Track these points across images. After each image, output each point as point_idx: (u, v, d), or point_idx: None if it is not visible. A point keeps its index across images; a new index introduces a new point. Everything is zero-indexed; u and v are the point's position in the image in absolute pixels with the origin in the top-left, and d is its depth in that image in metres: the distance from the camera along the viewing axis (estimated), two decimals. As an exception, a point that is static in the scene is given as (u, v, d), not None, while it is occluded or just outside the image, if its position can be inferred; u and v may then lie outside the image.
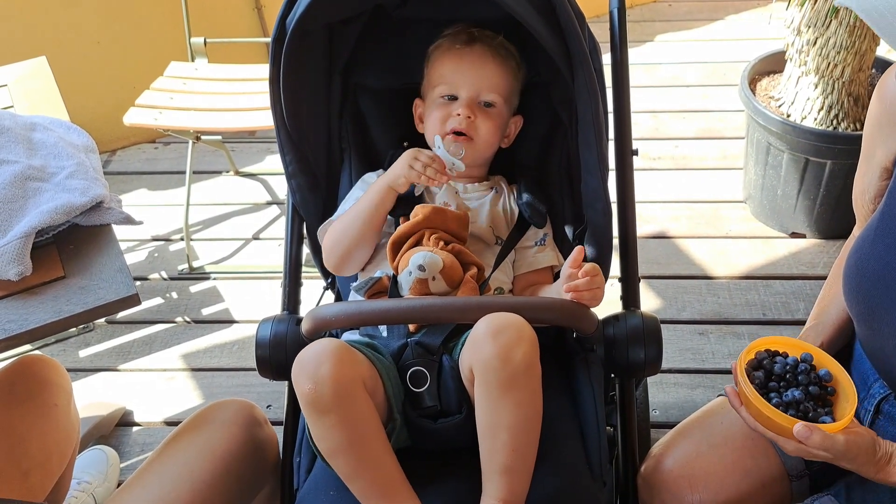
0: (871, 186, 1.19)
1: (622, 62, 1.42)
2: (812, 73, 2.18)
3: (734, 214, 2.54)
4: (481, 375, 1.06)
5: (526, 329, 1.07)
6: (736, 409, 1.09)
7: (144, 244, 2.57)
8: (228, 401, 1.30)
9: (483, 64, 1.35)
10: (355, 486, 1.09)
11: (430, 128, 1.37)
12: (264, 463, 1.29)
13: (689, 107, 3.03)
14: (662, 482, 1.24)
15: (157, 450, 1.23)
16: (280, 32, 1.29)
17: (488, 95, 1.35)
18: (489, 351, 1.05)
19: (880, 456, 1.02)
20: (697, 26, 3.52)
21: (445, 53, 1.37)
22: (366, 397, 1.07)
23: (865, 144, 1.21)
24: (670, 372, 2.06)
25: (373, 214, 1.30)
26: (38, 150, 1.31)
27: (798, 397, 1.06)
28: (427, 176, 1.25)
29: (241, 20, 2.95)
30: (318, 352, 1.06)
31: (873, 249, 1.10)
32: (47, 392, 1.28)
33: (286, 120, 1.37)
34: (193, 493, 1.15)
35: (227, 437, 1.23)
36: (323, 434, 1.07)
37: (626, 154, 1.42)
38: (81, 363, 2.18)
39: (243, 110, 2.28)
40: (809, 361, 1.12)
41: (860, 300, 1.13)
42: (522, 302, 1.12)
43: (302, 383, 1.05)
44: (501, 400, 1.05)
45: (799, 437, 1.00)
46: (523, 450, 1.07)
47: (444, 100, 1.35)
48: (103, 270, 1.20)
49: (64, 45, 2.72)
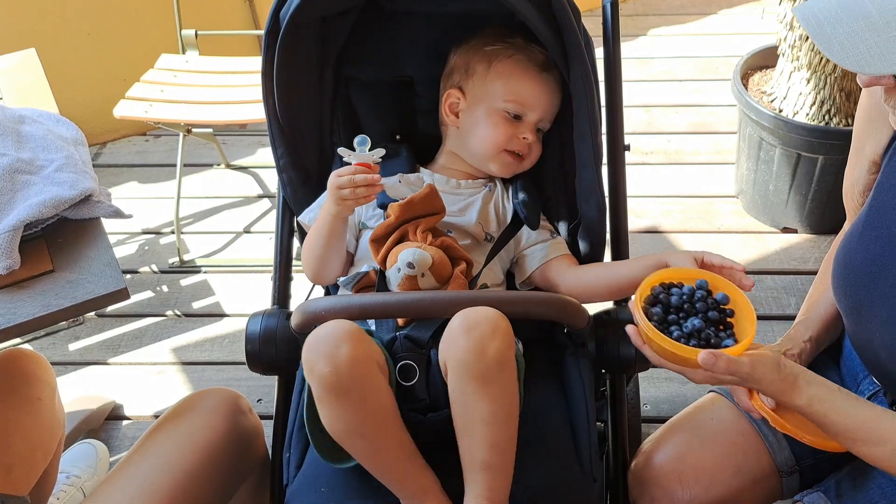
0: (860, 180, 1.20)
1: (615, 56, 1.42)
2: (804, 68, 2.18)
3: (726, 209, 2.54)
4: (454, 370, 1.06)
5: (501, 322, 1.07)
6: (639, 347, 1.08)
7: (135, 237, 2.56)
8: (212, 389, 1.29)
9: (552, 94, 1.37)
10: (375, 465, 1.09)
11: (487, 138, 1.36)
12: (249, 452, 1.28)
13: (682, 101, 3.03)
14: (653, 478, 1.24)
15: (140, 440, 1.22)
16: (274, 25, 1.29)
17: (546, 124, 1.39)
18: (462, 345, 1.04)
19: (785, 375, 1.01)
20: (690, 20, 3.52)
21: (524, 71, 1.35)
22: (381, 377, 1.08)
23: (855, 138, 1.21)
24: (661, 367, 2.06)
25: (330, 238, 1.29)
26: (26, 142, 1.30)
27: (698, 326, 1.05)
28: (360, 196, 1.20)
29: (232, 12, 2.94)
30: (332, 333, 1.05)
31: (860, 243, 1.11)
32: (30, 386, 1.27)
33: (278, 113, 1.36)
34: (175, 483, 1.14)
35: (210, 426, 1.22)
36: (339, 416, 1.06)
37: (619, 149, 1.42)
38: (71, 357, 2.17)
39: (234, 103, 2.27)
40: (705, 288, 1.09)
41: (848, 294, 1.13)
42: (513, 296, 1.12)
43: (319, 366, 1.03)
44: (476, 395, 1.05)
45: (704, 366, 0.99)
46: (502, 445, 1.07)
47: (509, 116, 1.35)
48: (92, 264, 1.19)
49: (54, 37, 2.70)
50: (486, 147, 1.36)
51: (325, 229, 1.28)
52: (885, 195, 1.09)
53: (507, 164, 1.37)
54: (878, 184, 1.11)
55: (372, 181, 1.19)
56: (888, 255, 1.06)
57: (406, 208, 1.25)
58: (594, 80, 1.30)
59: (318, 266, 1.33)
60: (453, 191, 1.39)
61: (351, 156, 1.20)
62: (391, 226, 1.26)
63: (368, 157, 1.20)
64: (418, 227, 1.25)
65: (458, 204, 1.38)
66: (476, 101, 1.37)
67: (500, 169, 1.38)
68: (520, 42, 1.36)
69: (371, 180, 1.19)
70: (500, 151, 1.36)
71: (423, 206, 1.26)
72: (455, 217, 1.36)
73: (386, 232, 1.27)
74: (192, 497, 1.16)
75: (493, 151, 1.36)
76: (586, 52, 1.27)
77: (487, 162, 1.38)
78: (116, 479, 1.17)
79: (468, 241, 1.33)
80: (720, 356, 0.98)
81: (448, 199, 1.37)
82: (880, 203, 1.09)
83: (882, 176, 1.11)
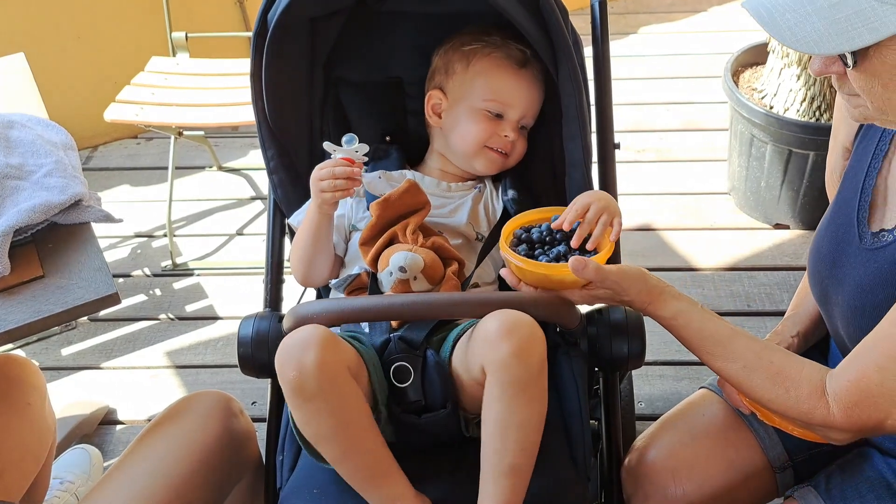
0: (837, 166, 1.21)
1: (604, 55, 1.42)
2: (794, 64, 2.19)
3: (718, 206, 2.55)
4: (496, 373, 1.05)
5: (537, 327, 1.07)
6: (514, 286, 1.13)
7: (127, 241, 2.55)
8: (203, 392, 1.29)
9: (533, 90, 1.36)
10: (344, 470, 1.09)
11: (467, 136, 1.36)
12: (241, 454, 1.28)
13: (673, 99, 3.04)
14: (646, 474, 1.24)
15: (132, 444, 1.22)
16: (262, 27, 1.29)
17: (528, 120, 1.38)
18: (505, 349, 1.04)
19: (650, 287, 1.06)
20: (681, 18, 3.52)
21: (501, 69, 1.34)
22: (351, 382, 1.07)
23: (833, 124, 1.22)
24: (655, 364, 2.07)
25: (316, 237, 1.30)
26: (15, 147, 1.30)
27: (563, 251, 1.11)
28: (339, 189, 1.22)
29: (222, 14, 2.93)
30: (301, 338, 1.06)
31: (827, 231, 1.12)
32: (20, 391, 1.27)
33: (268, 115, 1.36)
34: (168, 487, 1.14)
35: (203, 429, 1.22)
36: (308, 420, 1.07)
37: (609, 147, 1.42)
38: (64, 361, 2.16)
39: (226, 105, 2.27)
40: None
41: (816, 282, 1.15)
42: (505, 297, 1.12)
43: (286, 370, 1.04)
44: (516, 399, 1.05)
45: (574, 271, 1.03)
46: (531, 449, 1.07)
47: (489, 115, 1.35)
48: (83, 269, 1.19)
49: (42, 41, 2.69)
50: (467, 145, 1.36)
51: (310, 228, 1.29)
52: (850, 181, 1.10)
53: (490, 161, 1.37)
54: (846, 170, 1.13)
55: (352, 174, 1.21)
56: (847, 240, 1.07)
57: (384, 206, 1.25)
58: (583, 79, 1.30)
59: (305, 267, 1.33)
60: (443, 193, 1.39)
61: (336, 150, 1.22)
62: (375, 227, 1.26)
63: (352, 152, 1.22)
64: (407, 227, 1.25)
65: (449, 206, 1.38)
66: (457, 100, 1.37)
67: (485, 167, 1.38)
68: (497, 40, 1.35)
69: (351, 173, 1.21)
70: (481, 149, 1.36)
71: (402, 202, 1.26)
72: (446, 218, 1.36)
73: (372, 234, 1.27)
74: (186, 501, 1.15)
75: (474, 149, 1.36)
76: (574, 51, 1.27)
77: (471, 160, 1.38)
78: (109, 483, 1.16)
79: (459, 240, 1.33)
80: (589, 262, 1.03)
81: (438, 201, 1.38)
82: (845, 190, 1.10)
83: (850, 161, 1.12)
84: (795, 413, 0.99)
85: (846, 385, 0.95)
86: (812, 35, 0.86)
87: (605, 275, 1.04)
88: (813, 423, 0.99)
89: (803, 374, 0.99)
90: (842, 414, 0.95)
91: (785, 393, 0.99)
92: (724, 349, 1.04)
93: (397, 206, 1.27)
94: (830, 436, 1.00)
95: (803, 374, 0.99)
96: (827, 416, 0.96)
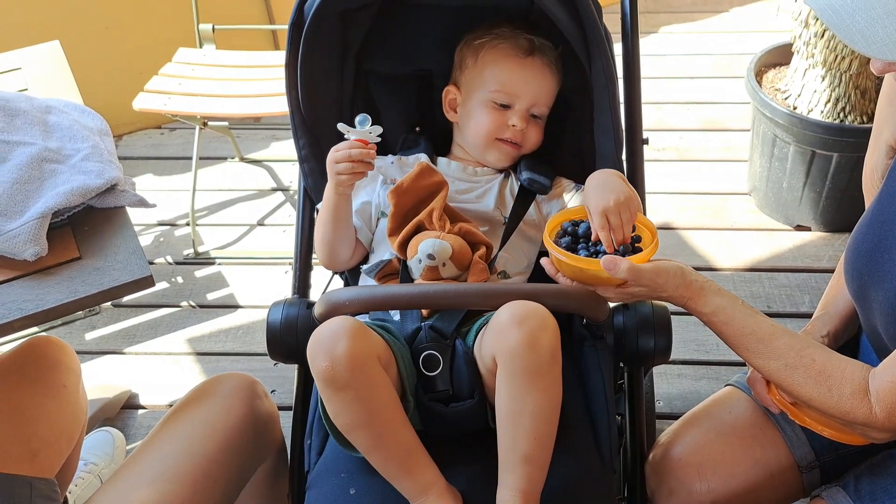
0: (879, 165, 1.20)
1: (633, 52, 1.43)
2: (819, 65, 2.19)
3: (739, 206, 2.55)
4: (506, 363, 1.06)
5: (549, 317, 1.08)
6: (552, 276, 1.13)
7: (150, 229, 2.57)
8: (228, 374, 1.31)
9: (542, 78, 1.36)
10: (375, 459, 1.10)
11: (478, 128, 1.37)
12: (265, 436, 1.29)
13: (695, 98, 3.04)
14: (671, 470, 1.25)
15: (158, 425, 1.23)
16: (298, 18, 1.30)
17: (540, 109, 1.38)
18: (515, 338, 1.05)
19: (689, 282, 1.06)
20: (703, 18, 3.51)
21: (506, 59, 1.35)
22: (381, 372, 1.08)
23: (876, 122, 1.21)
24: (674, 363, 2.07)
25: (335, 218, 1.31)
26: (53, 132, 1.32)
27: (602, 248, 1.09)
28: (357, 171, 1.23)
29: (248, 7, 2.95)
30: (333, 329, 1.07)
31: (869, 228, 1.12)
32: (56, 373, 1.29)
33: (301, 104, 1.37)
34: (195, 466, 1.15)
35: (227, 411, 1.23)
36: (340, 410, 1.08)
37: (637, 142, 1.43)
38: (87, 346, 2.19)
39: (250, 97, 2.28)
40: None
41: (854, 278, 1.14)
42: (537, 289, 1.12)
43: (318, 361, 1.05)
44: (526, 387, 1.06)
45: (606, 270, 1.03)
46: (544, 438, 1.07)
47: (496, 105, 1.36)
48: (118, 252, 1.20)
49: (73, 30, 2.71)
50: (478, 138, 1.38)
51: (329, 209, 1.31)
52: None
53: (502, 152, 1.38)
54: (892, 169, 1.12)
55: (367, 156, 1.22)
56: (891, 238, 1.07)
57: (399, 193, 1.27)
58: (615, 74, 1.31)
59: (328, 249, 1.35)
60: (470, 178, 1.40)
61: (350, 132, 1.24)
62: (396, 215, 1.28)
63: (366, 134, 1.23)
64: (432, 212, 1.26)
65: (476, 191, 1.39)
66: (468, 94, 1.39)
67: (497, 159, 1.39)
68: (505, 31, 1.36)
69: (366, 155, 1.22)
70: (492, 141, 1.37)
71: (418, 186, 1.27)
72: (473, 204, 1.37)
73: (396, 223, 1.28)
74: (212, 480, 1.17)
75: (484, 141, 1.37)
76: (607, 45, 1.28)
77: (483, 152, 1.39)
78: (137, 463, 1.18)
79: (487, 226, 1.34)
80: (621, 261, 1.03)
81: (465, 185, 1.39)
82: (890, 188, 1.10)
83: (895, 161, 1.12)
84: (837, 412, 0.99)
85: (889, 385, 0.95)
86: (885, 39, 0.85)
87: (639, 274, 1.04)
88: (854, 422, 0.98)
89: (846, 373, 0.98)
90: (884, 413, 0.95)
91: (827, 392, 0.99)
92: (765, 347, 1.03)
93: (413, 191, 1.28)
94: (870, 434, 1.00)
95: (846, 373, 0.98)
96: (869, 416, 0.96)
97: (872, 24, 0.85)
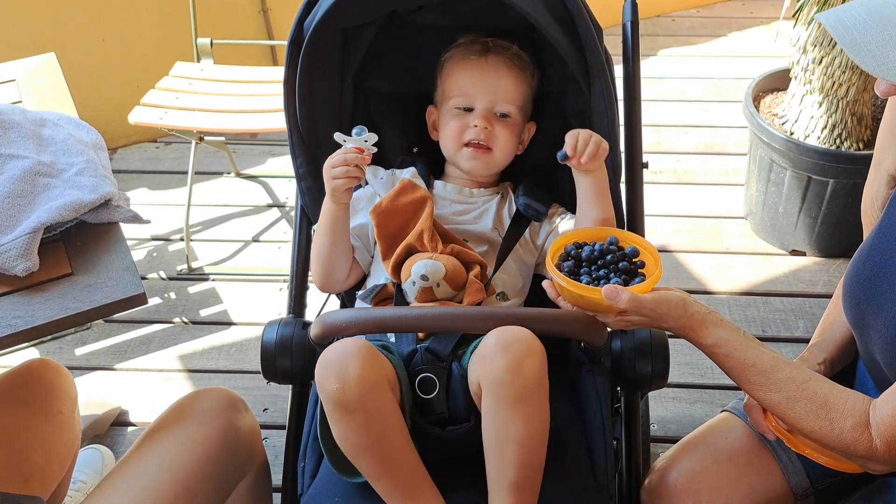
0: (879, 194, 1.20)
1: (634, 75, 1.43)
2: (816, 91, 2.19)
3: (735, 230, 2.55)
4: (490, 388, 1.05)
5: (536, 343, 1.07)
6: (554, 299, 1.12)
7: (143, 243, 2.55)
8: (207, 389, 1.29)
9: (498, 75, 1.35)
10: (380, 486, 1.09)
11: (447, 138, 1.37)
12: (246, 450, 1.27)
13: (692, 122, 3.04)
14: (667, 496, 1.24)
15: (138, 441, 1.21)
16: (297, 35, 1.29)
17: (504, 107, 1.36)
18: (499, 364, 1.04)
19: (691, 314, 1.05)
20: (701, 42, 3.53)
21: (459, 63, 1.37)
22: (390, 396, 1.07)
23: (877, 151, 1.22)
24: (669, 386, 2.05)
25: (334, 228, 1.31)
26: (47, 145, 1.31)
27: (605, 273, 1.08)
28: (351, 176, 1.24)
29: (247, 22, 2.95)
30: (343, 352, 1.06)
31: (869, 255, 1.11)
32: (53, 398, 1.27)
33: (299, 122, 1.36)
34: (175, 481, 1.13)
35: (207, 425, 1.22)
36: (348, 433, 1.06)
37: (637, 166, 1.42)
38: (78, 361, 2.16)
39: (247, 112, 2.28)
40: (615, 243, 1.12)
41: (853, 306, 1.14)
42: (536, 313, 1.11)
43: (328, 383, 1.04)
44: (510, 414, 1.04)
45: (608, 298, 1.02)
46: (532, 466, 1.06)
47: (459, 111, 1.35)
48: (111, 268, 1.19)
49: (69, 43, 2.70)
50: (448, 146, 1.37)
51: (327, 221, 1.30)
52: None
53: (472, 157, 1.35)
54: (893, 198, 1.12)
55: (363, 161, 1.23)
56: (890, 266, 1.06)
57: (379, 214, 1.27)
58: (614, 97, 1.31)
59: (324, 266, 1.33)
60: (466, 199, 1.40)
61: (346, 140, 1.24)
62: (380, 235, 1.28)
63: (362, 142, 1.24)
64: (423, 234, 1.25)
65: (473, 212, 1.38)
66: (440, 109, 1.40)
67: (469, 164, 1.37)
68: (462, 40, 1.38)
69: (361, 160, 1.23)
70: (460, 147, 1.36)
71: (400, 204, 1.27)
72: (471, 225, 1.36)
73: (384, 245, 1.27)
74: (192, 494, 1.15)
75: (454, 148, 1.37)
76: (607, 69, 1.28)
77: (457, 163, 1.38)
78: (117, 479, 1.16)
79: (485, 247, 1.34)
80: (622, 290, 1.02)
81: (462, 207, 1.38)
82: (891, 217, 1.10)
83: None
84: (838, 445, 0.98)
85: (890, 418, 0.94)
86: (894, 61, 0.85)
87: (639, 304, 1.03)
88: (855, 455, 0.97)
89: (847, 406, 0.98)
90: (884, 447, 0.94)
91: (829, 424, 0.98)
92: (766, 379, 1.03)
93: (395, 210, 1.28)
94: (869, 466, 0.99)
95: (847, 406, 0.98)
96: (869, 449, 0.95)
97: (883, 45, 0.86)
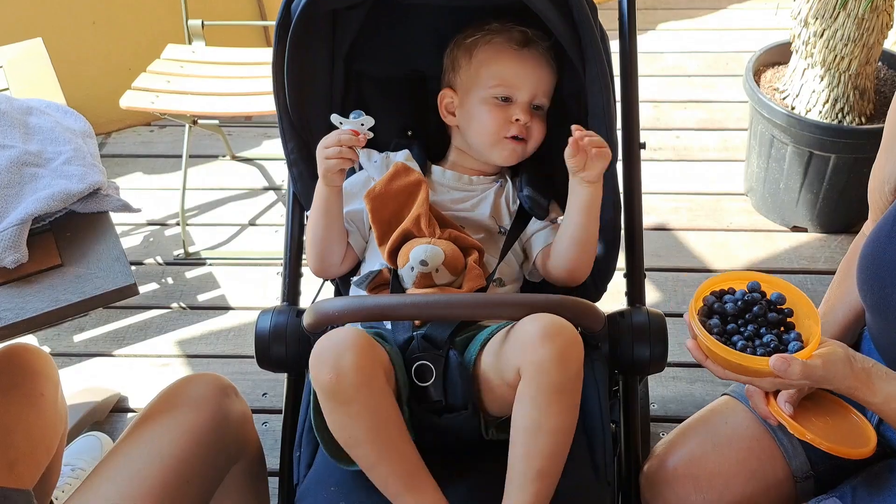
0: (891, 177, 1.17)
1: (631, 52, 1.41)
2: (818, 65, 2.16)
3: (735, 207, 2.52)
4: (533, 377, 1.04)
5: (577, 333, 1.06)
6: (701, 362, 1.06)
7: (139, 228, 2.54)
8: (197, 375, 1.29)
9: (540, 69, 1.34)
10: (376, 476, 1.08)
11: (481, 127, 1.34)
12: (237, 434, 1.26)
13: (691, 97, 3.01)
14: (666, 481, 1.23)
15: (128, 428, 1.21)
16: (285, 17, 1.27)
17: (541, 100, 1.35)
18: (545, 353, 1.02)
19: (857, 371, 1.00)
20: (700, 15, 3.49)
21: (502, 53, 1.33)
22: (386, 386, 1.06)
23: (887, 134, 1.18)
24: (669, 366, 2.02)
25: (328, 212, 1.29)
26: (34, 134, 1.28)
27: (761, 332, 1.03)
28: (345, 157, 1.22)
29: (239, 3, 2.91)
30: (338, 341, 1.04)
31: (890, 239, 1.09)
32: (33, 381, 1.26)
33: (289, 106, 1.34)
34: (165, 467, 1.13)
35: (197, 410, 1.21)
36: (344, 424, 1.05)
37: (634, 146, 1.40)
38: (76, 348, 2.16)
39: (241, 95, 2.25)
40: (758, 290, 1.07)
41: (875, 289, 1.11)
42: (533, 299, 1.10)
43: (322, 373, 1.02)
44: (550, 404, 1.04)
45: (777, 372, 0.97)
46: (559, 455, 1.06)
47: (497, 101, 1.33)
48: (101, 259, 1.17)
49: (57, 26, 2.67)
50: (483, 138, 1.35)
51: (320, 204, 1.28)
52: None
53: (509, 150, 1.35)
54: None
55: (357, 143, 1.21)
56: None
57: (373, 199, 1.25)
58: (610, 75, 1.28)
59: (319, 251, 1.32)
60: (465, 187, 1.38)
61: (342, 122, 1.23)
62: (374, 220, 1.26)
63: (358, 125, 1.22)
64: (419, 218, 1.24)
65: (472, 199, 1.36)
66: (466, 95, 1.36)
67: (504, 157, 1.36)
68: (496, 26, 1.34)
69: (356, 142, 1.21)
70: (499, 140, 1.34)
71: (394, 189, 1.25)
72: (468, 212, 1.35)
73: (380, 230, 1.26)
74: (184, 480, 1.15)
75: (491, 141, 1.34)
76: (602, 47, 1.25)
77: (490, 152, 1.36)
78: (107, 467, 1.16)
79: (482, 234, 1.32)
80: (793, 361, 0.96)
81: (460, 195, 1.36)
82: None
83: None
84: None
85: None
86: None
87: (810, 371, 0.97)
88: None
89: None
90: None
91: None
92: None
93: (389, 194, 1.26)
94: None
95: None
96: None
97: None
